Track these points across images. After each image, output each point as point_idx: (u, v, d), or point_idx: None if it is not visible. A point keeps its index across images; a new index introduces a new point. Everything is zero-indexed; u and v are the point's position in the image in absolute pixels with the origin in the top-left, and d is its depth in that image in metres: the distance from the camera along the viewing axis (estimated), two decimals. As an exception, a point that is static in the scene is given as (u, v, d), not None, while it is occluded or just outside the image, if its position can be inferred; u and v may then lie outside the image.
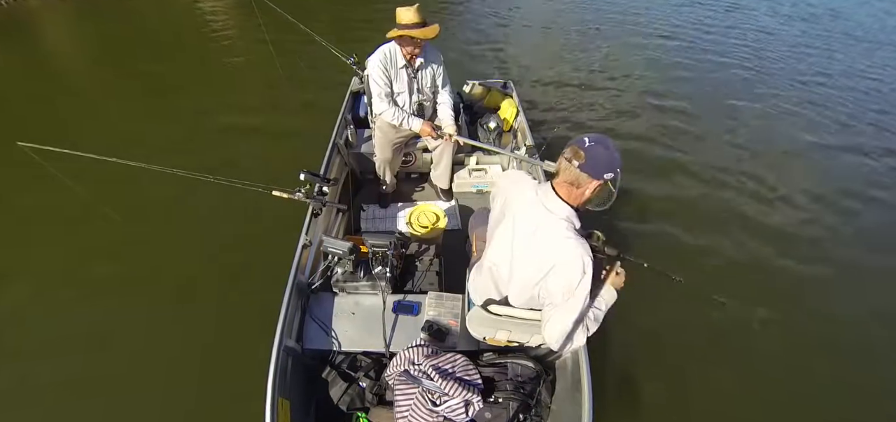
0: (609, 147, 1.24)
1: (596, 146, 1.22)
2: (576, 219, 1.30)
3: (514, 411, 1.52)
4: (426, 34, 2.23)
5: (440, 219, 2.41)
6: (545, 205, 1.30)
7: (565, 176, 1.26)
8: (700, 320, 2.64)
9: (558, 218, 1.27)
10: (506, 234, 1.41)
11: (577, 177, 1.23)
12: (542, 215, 1.30)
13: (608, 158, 1.22)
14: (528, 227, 1.33)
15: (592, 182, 1.23)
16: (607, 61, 6.19)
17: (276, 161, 3.59)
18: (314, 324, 1.81)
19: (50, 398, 2.18)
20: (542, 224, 1.29)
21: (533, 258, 1.32)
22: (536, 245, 1.30)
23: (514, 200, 1.42)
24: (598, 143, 1.23)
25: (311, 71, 5.05)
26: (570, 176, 1.25)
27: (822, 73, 6.17)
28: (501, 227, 1.44)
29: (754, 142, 4.46)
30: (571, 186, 1.26)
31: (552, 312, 1.30)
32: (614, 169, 1.23)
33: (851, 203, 3.71)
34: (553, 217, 1.28)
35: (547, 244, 1.28)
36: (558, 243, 1.26)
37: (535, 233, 1.31)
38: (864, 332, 2.66)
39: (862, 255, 3.18)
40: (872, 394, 2.34)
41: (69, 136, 4.07)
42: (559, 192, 1.30)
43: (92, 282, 2.71)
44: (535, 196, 1.34)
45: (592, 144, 1.22)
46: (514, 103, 3.19)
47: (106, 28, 7.21)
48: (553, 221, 1.28)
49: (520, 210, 1.38)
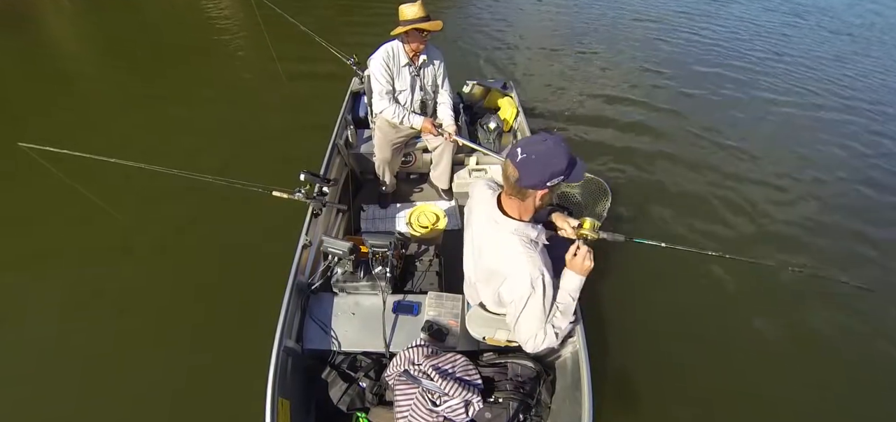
0: (547, 151, 1.13)
1: (528, 157, 1.13)
2: (529, 229, 1.25)
3: (514, 411, 1.52)
4: (434, 27, 2.26)
5: (440, 219, 2.42)
6: (494, 219, 1.27)
7: (508, 190, 1.22)
8: (701, 319, 2.64)
9: (507, 232, 1.24)
10: (467, 247, 1.45)
11: (519, 191, 1.19)
12: (491, 230, 1.28)
13: (546, 164, 1.13)
14: (479, 241, 1.34)
15: (537, 192, 1.18)
16: (608, 61, 6.19)
17: (276, 161, 3.59)
18: (314, 324, 1.81)
19: (50, 398, 2.18)
20: (491, 239, 1.28)
21: (486, 272, 1.33)
22: (488, 259, 1.31)
23: (472, 215, 1.42)
24: (532, 150, 1.14)
25: (311, 71, 5.05)
26: (511, 190, 1.20)
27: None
28: (465, 240, 1.49)
29: (757, 141, 4.47)
30: (517, 199, 1.22)
31: (513, 320, 1.30)
32: (559, 171, 1.14)
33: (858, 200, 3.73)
34: (501, 232, 1.26)
35: (496, 259, 1.27)
36: (505, 259, 1.24)
37: (484, 248, 1.31)
38: (873, 339, 2.60)
39: (882, 260, 3.13)
40: (877, 398, 2.33)
41: (69, 133, 4.08)
42: (506, 207, 1.26)
43: (91, 282, 2.71)
44: (487, 210, 1.30)
45: (524, 155, 1.13)
46: (513, 103, 3.19)
47: (108, 19, 7.25)
48: (501, 237, 1.25)
49: (476, 225, 1.38)
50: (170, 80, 5.33)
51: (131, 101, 4.80)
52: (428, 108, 2.63)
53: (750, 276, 2.91)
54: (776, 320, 2.66)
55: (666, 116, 4.86)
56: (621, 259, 2.89)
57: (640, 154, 4.11)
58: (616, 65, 6.04)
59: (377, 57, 2.39)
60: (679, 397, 2.27)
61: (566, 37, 7.08)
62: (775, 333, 2.60)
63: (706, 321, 2.64)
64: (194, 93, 5.07)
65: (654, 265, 2.88)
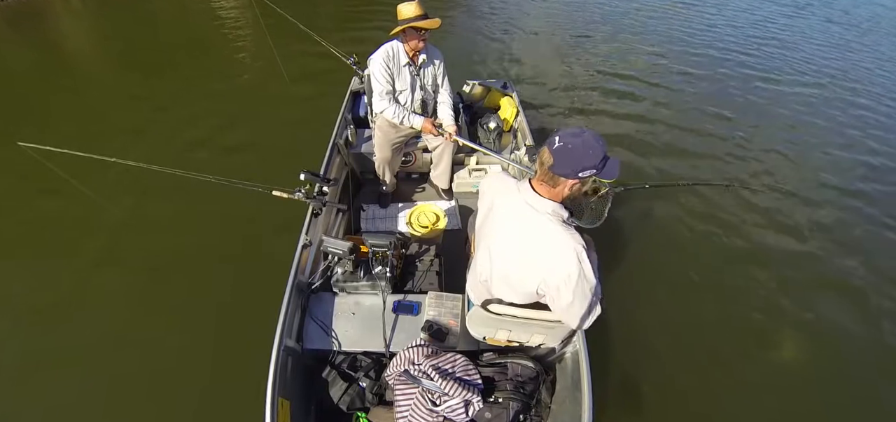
0: (584, 144, 1.16)
1: (565, 146, 1.16)
2: (561, 210, 1.27)
3: (514, 411, 1.52)
4: (431, 24, 2.26)
5: (440, 219, 2.41)
6: (528, 202, 1.28)
7: (541, 176, 1.24)
8: (701, 319, 2.64)
9: (543, 213, 1.25)
10: (494, 237, 1.39)
11: (551, 177, 1.21)
12: (527, 214, 1.28)
13: (581, 156, 1.15)
14: (515, 227, 1.31)
15: (568, 181, 1.20)
16: (609, 60, 6.19)
17: (276, 161, 3.59)
18: (314, 324, 1.81)
19: (48, 397, 2.18)
20: (528, 222, 1.27)
21: (525, 258, 1.30)
22: (527, 245, 1.29)
23: (499, 203, 1.40)
24: (569, 141, 1.16)
25: (311, 71, 5.04)
26: (544, 176, 1.23)
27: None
28: (488, 229, 1.43)
29: (761, 140, 4.50)
30: (549, 185, 1.24)
31: (564, 301, 1.27)
32: (591, 165, 1.16)
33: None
34: (537, 214, 1.26)
35: (537, 242, 1.26)
36: (547, 239, 1.24)
37: (523, 232, 1.29)
38: (880, 345, 2.59)
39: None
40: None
41: (73, 131, 4.07)
42: (539, 190, 1.27)
43: (90, 281, 2.71)
44: (518, 195, 1.31)
45: (561, 144, 1.16)
46: (513, 103, 3.19)
47: (117, 17, 7.33)
48: (538, 218, 1.26)
49: (506, 212, 1.35)
50: (171, 78, 5.31)
51: (133, 99, 4.80)
52: (428, 107, 2.63)
53: (749, 277, 2.91)
54: (779, 320, 2.66)
55: (669, 108, 4.89)
56: (621, 259, 2.90)
57: (648, 151, 4.13)
58: (620, 65, 6.04)
59: (377, 57, 2.39)
60: (679, 397, 2.26)
61: (570, 37, 7.08)
62: (776, 334, 2.60)
63: (706, 322, 2.63)
64: (197, 91, 5.05)
65: (653, 265, 2.89)
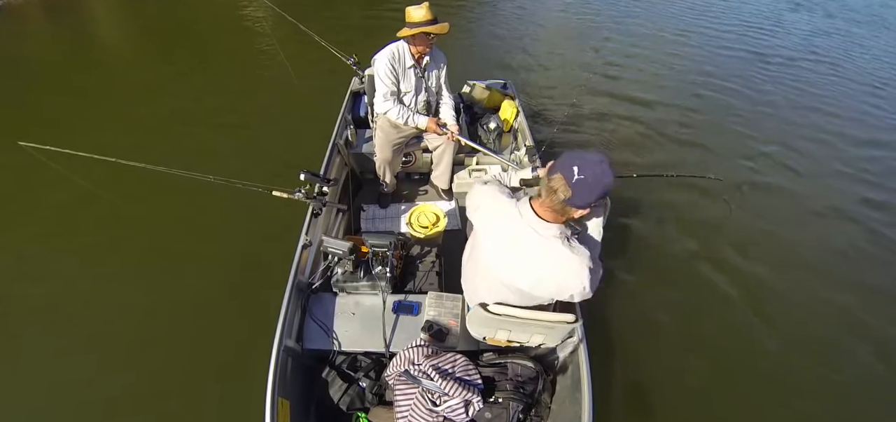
0: (601, 172, 1.09)
1: (585, 180, 1.08)
2: (566, 229, 1.22)
3: (514, 411, 1.52)
4: (440, 30, 2.26)
5: (440, 219, 2.42)
6: (534, 229, 1.21)
7: (549, 203, 1.16)
8: (701, 319, 2.65)
9: (551, 238, 1.20)
10: (492, 254, 1.34)
11: (562, 208, 1.15)
12: (534, 241, 1.22)
13: (597, 186, 1.09)
14: (520, 250, 1.25)
15: (580, 211, 1.15)
16: (609, 61, 6.18)
17: (276, 161, 3.59)
18: (314, 324, 1.81)
19: (46, 399, 2.18)
20: (537, 250, 1.22)
21: (537, 285, 1.27)
22: (537, 272, 1.25)
23: (498, 230, 1.32)
24: (588, 173, 1.08)
25: (311, 71, 5.04)
26: (554, 205, 1.15)
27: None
28: (483, 246, 1.39)
29: (764, 140, 4.51)
30: (556, 213, 1.18)
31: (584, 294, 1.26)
32: (605, 193, 1.11)
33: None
34: (544, 239, 1.20)
35: (547, 268, 1.22)
36: (558, 264, 1.20)
37: (533, 262, 1.24)
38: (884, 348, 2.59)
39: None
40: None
41: (68, 129, 4.06)
42: (543, 215, 1.20)
43: (90, 282, 2.71)
44: (521, 221, 1.23)
45: (581, 177, 1.08)
46: (514, 104, 3.19)
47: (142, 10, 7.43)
48: (546, 244, 1.20)
49: (508, 237, 1.28)
50: (175, 77, 5.30)
51: (136, 97, 4.80)
52: (431, 109, 2.66)
53: (749, 275, 2.91)
54: (779, 321, 2.66)
55: (670, 109, 4.90)
56: (621, 260, 2.90)
57: (645, 155, 4.11)
58: (620, 65, 6.03)
59: (382, 58, 2.38)
60: (679, 396, 2.27)
61: (570, 37, 7.09)
62: (776, 334, 2.60)
63: (706, 322, 2.64)
64: (198, 89, 5.04)
65: (653, 265, 2.89)
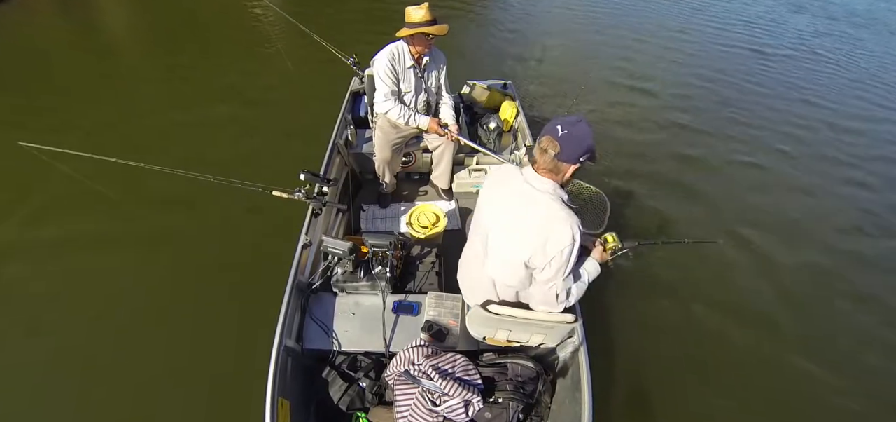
0: (582, 129, 1.29)
1: (569, 133, 1.28)
2: (561, 191, 1.37)
3: (514, 411, 1.52)
4: (440, 31, 2.27)
5: (440, 219, 2.42)
6: (531, 183, 1.36)
7: (544, 164, 1.33)
8: (701, 320, 2.64)
9: (544, 192, 1.34)
10: (490, 219, 1.47)
11: (555, 165, 1.30)
12: (526, 191, 1.36)
13: (581, 141, 1.29)
14: (513, 201, 1.40)
15: (570, 166, 1.32)
16: (610, 61, 6.18)
17: (276, 161, 3.59)
18: (314, 324, 1.81)
19: (46, 397, 2.18)
20: (528, 198, 1.36)
21: (523, 228, 1.38)
22: (525, 216, 1.37)
23: (498, 189, 1.48)
24: (571, 127, 1.28)
25: (311, 71, 5.04)
26: (548, 164, 1.32)
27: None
28: (483, 214, 1.51)
29: (766, 139, 4.52)
30: (551, 172, 1.33)
31: (542, 280, 1.40)
32: (589, 148, 1.30)
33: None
34: (540, 193, 1.34)
35: (535, 214, 1.34)
36: (548, 215, 1.33)
37: (521, 205, 1.37)
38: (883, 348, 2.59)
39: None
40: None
41: (65, 127, 4.06)
42: (541, 174, 1.36)
43: (89, 282, 2.71)
44: (520, 177, 1.40)
45: (565, 131, 1.28)
46: (514, 104, 3.19)
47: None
48: (539, 196, 1.34)
49: (505, 196, 1.44)
50: (177, 73, 5.28)
51: (136, 96, 4.78)
52: (431, 109, 2.66)
53: (749, 275, 2.91)
54: (779, 321, 2.67)
55: (670, 112, 4.89)
56: (621, 260, 2.89)
57: (646, 157, 4.12)
58: (621, 66, 6.03)
59: (382, 58, 2.38)
60: (679, 396, 2.27)
61: (570, 38, 7.08)
62: (776, 334, 2.60)
63: (705, 321, 2.63)
64: (199, 89, 5.03)
65: (653, 266, 2.89)
